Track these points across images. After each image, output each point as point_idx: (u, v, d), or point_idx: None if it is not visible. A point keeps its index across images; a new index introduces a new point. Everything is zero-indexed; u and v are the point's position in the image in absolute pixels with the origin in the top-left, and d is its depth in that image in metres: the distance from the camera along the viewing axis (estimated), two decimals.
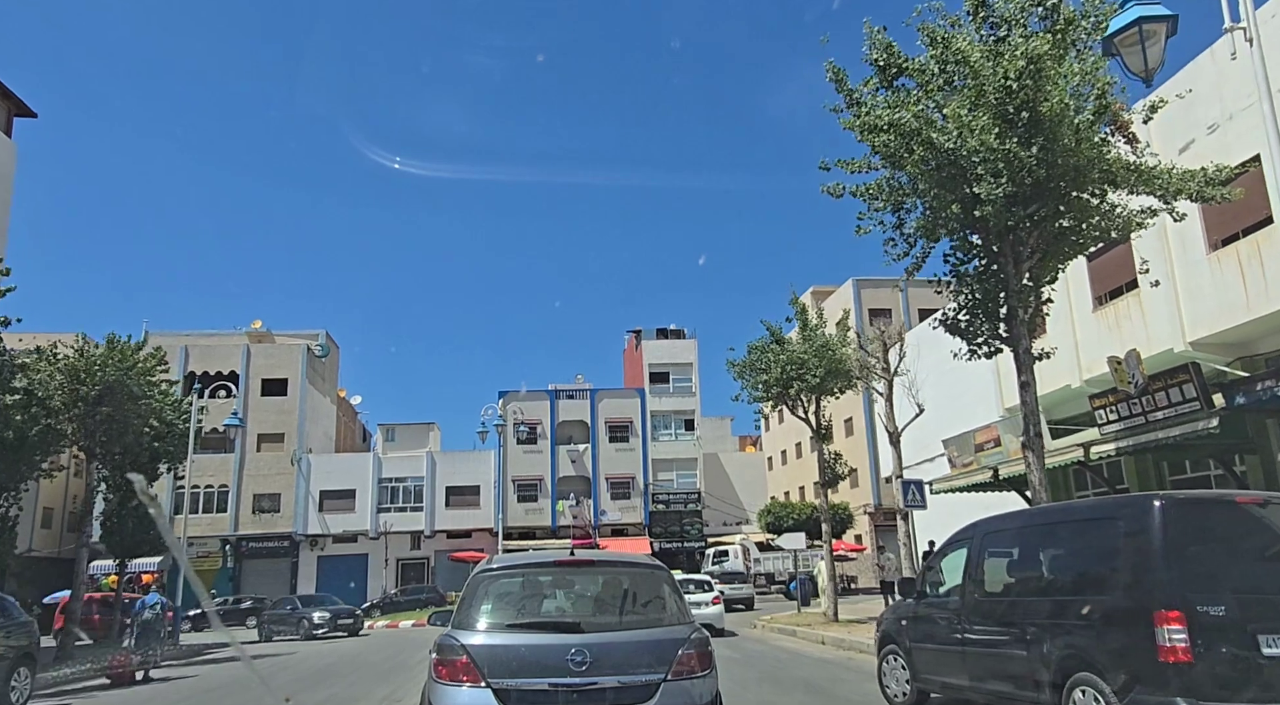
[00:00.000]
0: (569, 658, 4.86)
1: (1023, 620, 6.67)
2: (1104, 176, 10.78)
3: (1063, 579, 6.60)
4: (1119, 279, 17.00)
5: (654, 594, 5.66)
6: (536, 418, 48.73)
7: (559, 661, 4.86)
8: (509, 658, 4.96)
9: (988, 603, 7.30)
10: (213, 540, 45.80)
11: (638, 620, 5.46)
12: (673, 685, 4.93)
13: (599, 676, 4.85)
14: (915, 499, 16.54)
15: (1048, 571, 6.82)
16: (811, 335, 20.25)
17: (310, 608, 27.34)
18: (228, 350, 48.18)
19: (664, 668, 4.96)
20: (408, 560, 48.10)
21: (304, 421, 47.72)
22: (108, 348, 19.64)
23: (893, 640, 8.83)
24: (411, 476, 48.01)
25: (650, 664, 4.98)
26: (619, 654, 4.99)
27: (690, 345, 52.93)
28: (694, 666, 5.06)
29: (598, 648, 4.96)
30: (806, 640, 18.32)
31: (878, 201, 11.77)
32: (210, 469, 46.12)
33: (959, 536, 8.15)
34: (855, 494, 49.68)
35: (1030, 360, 11.64)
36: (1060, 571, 6.68)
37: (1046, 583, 6.76)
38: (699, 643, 5.20)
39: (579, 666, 4.84)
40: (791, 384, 20.03)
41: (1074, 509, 7.26)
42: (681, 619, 5.46)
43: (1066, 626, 6.15)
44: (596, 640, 5.04)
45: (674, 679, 4.95)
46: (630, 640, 5.15)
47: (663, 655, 5.02)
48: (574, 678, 4.82)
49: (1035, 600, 6.69)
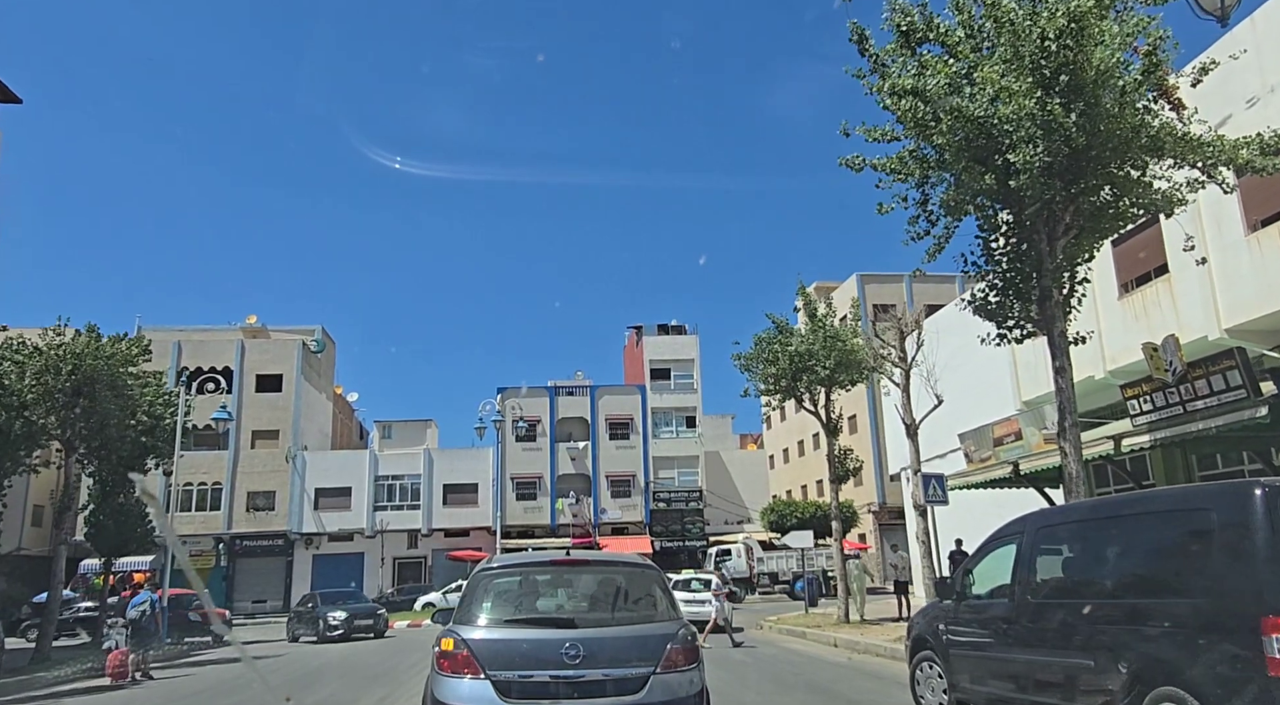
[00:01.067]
0: (564, 651, 5.12)
1: (1089, 626, 5.89)
2: (1150, 145, 9.97)
3: (1138, 579, 5.79)
4: (1147, 264, 16.21)
5: (645, 592, 5.93)
6: (536, 415, 47.90)
7: (554, 655, 5.11)
8: (507, 651, 5.21)
9: (1043, 605, 6.50)
10: (206, 539, 44.97)
11: (629, 617, 5.75)
12: (661, 678, 5.16)
13: (592, 669, 5.10)
14: (936, 494, 15.75)
15: (1119, 570, 6.01)
16: (820, 325, 19.45)
17: (328, 606, 24.81)
18: (221, 345, 47.35)
19: (653, 661, 5.20)
20: (404, 559, 47.28)
21: (299, 418, 46.88)
22: (88, 338, 18.81)
23: (928, 646, 8.04)
24: (409, 474, 47.18)
25: (640, 658, 5.22)
26: (611, 648, 5.25)
27: (692, 341, 52.11)
28: (681, 660, 5.30)
29: (591, 642, 5.22)
30: (817, 642, 17.54)
31: (900, 174, 10.94)
32: (203, 466, 45.29)
33: (1005, 532, 7.36)
34: (859, 492, 48.92)
35: (1065, 344, 10.85)
36: (1135, 570, 5.86)
37: (1118, 583, 5.95)
38: (686, 638, 5.44)
39: (573, 660, 5.09)
40: (800, 376, 19.22)
41: (1152, 499, 6.45)
42: (670, 616, 5.72)
43: (1146, 634, 5.34)
44: (590, 635, 5.30)
45: (662, 672, 5.19)
46: (621, 635, 5.44)
47: (652, 650, 5.25)
48: (568, 670, 5.08)
49: (1104, 603, 5.89)
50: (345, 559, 46.12)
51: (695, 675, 5.38)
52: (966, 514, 19.59)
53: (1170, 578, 5.45)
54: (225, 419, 24.30)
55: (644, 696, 5.10)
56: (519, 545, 46.22)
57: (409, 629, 28.07)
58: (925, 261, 11.65)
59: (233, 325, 51.25)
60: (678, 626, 5.54)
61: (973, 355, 24.42)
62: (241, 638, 26.96)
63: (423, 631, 26.44)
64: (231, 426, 45.46)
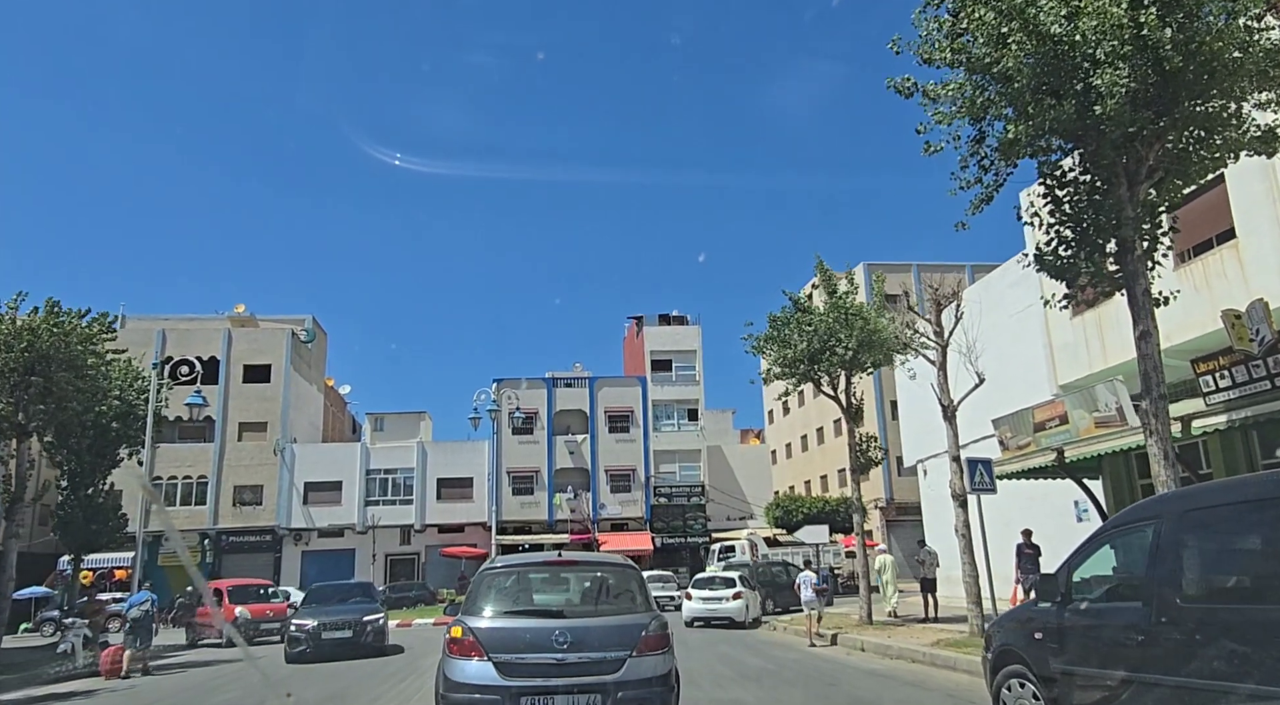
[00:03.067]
0: (554, 638, 5.99)
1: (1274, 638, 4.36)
2: (1259, 71, 8.45)
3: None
4: (1209, 229, 14.69)
5: (624, 588, 6.84)
6: (533, 407, 46.31)
7: (546, 641, 5.98)
8: (507, 638, 6.09)
9: (1198, 611, 4.97)
10: (191, 534, 43.32)
11: (610, 609, 6.60)
12: (636, 660, 6.02)
13: (577, 653, 5.93)
14: (983, 481, 14.22)
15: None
16: (840, 303, 17.90)
17: (309, 609, 17.58)
18: (208, 334, 45.69)
19: (629, 647, 6.05)
20: (397, 556, 45.69)
21: (288, 410, 45.24)
22: (46, 313, 17.21)
23: (1019, 659, 6.51)
24: (401, 468, 45.59)
25: (618, 644, 6.05)
26: (594, 635, 6.09)
27: (694, 331, 50.49)
28: (653, 646, 6.17)
29: (577, 631, 6.09)
30: (843, 645, 16.04)
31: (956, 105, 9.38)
32: (188, 459, 43.70)
33: (1131, 518, 5.83)
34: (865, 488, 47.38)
35: (1150, 304, 9.34)
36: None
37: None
38: (657, 627, 6.30)
39: (561, 645, 5.95)
40: (820, 358, 17.68)
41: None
42: (645, 609, 6.57)
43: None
44: (576, 624, 6.20)
45: (637, 655, 6.03)
46: (603, 625, 6.28)
47: (628, 637, 6.10)
48: (558, 654, 5.93)
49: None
50: (335, 556, 44.52)
51: (665, 658, 6.23)
52: (989, 508, 18.24)
53: None
54: (199, 404, 22.75)
55: (621, 675, 5.93)
56: (515, 542, 44.68)
57: (397, 628, 26.53)
58: (970, 213, 10.08)
59: (220, 315, 49.60)
60: (650, 618, 6.39)
61: (1001, 335, 22.91)
62: None
63: (412, 632, 24.89)
64: (218, 418, 44.09)
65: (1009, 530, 19.27)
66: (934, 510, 25.56)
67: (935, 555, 18.78)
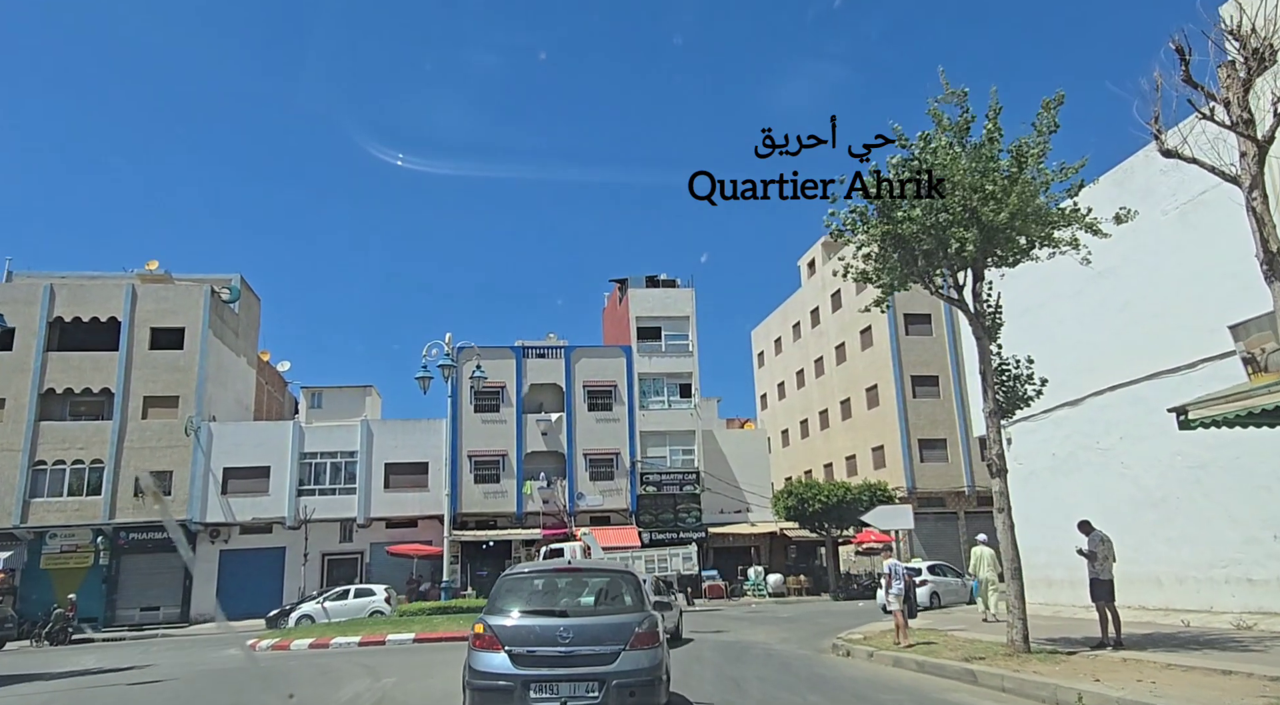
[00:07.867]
0: (559, 634, 7.21)
1: None
2: None
3: None
4: None
5: (620, 592, 7.97)
6: (500, 380, 39.35)
7: (552, 636, 7.20)
8: (520, 633, 7.28)
9: None
10: (82, 531, 35.86)
11: (607, 609, 7.74)
12: (629, 654, 7.15)
13: (578, 646, 7.13)
14: None
15: None
16: (988, 145, 11.33)
17: None
18: (108, 291, 38.07)
19: (623, 642, 7.21)
20: (335, 555, 38.39)
21: (204, 382, 37.76)
22: None
23: None
24: (342, 451, 38.36)
25: (613, 639, 7.21)
26: (592, 632, 7.28)
27: (686, 294, 43.62)
28: (644, 641, 7.26)
29: (578, 628, 7.30)
30: (987, 686, 9.52)
31: None
32: (79, 439, 36.14)
33: None
34: (886, 475, 41.17)
35: None
36: None
37: None
38: (648, 626, 7.39)
39: (564, 639, 7.17)
40: (957, 232, 10.98)
41: None
42: (639, 609, 7.65)
43: None
44: (577, 622, 7.40)
45: (630, 649, 7.17)
46: (600, 622, 7.46)
47: (622, 633, 7.26)
48: (561, 647, 7.13)
49: None
50: (261, 556, 37.21)
51: (656, 652, 7.28)
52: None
53: None
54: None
55: (615, 666, 7.03)
56: (477, 537, 37.73)
57: (273, 650, 19.40)
58: None
59: (128, 272, 41.89)
60: (643, 617, 7.46)
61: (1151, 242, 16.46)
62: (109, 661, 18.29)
63: (291, 656, 17.87)
64: (118, 391, 36.59)
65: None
66: (1032, 489, 19.17)
67: (1110, 544, 12.30)
